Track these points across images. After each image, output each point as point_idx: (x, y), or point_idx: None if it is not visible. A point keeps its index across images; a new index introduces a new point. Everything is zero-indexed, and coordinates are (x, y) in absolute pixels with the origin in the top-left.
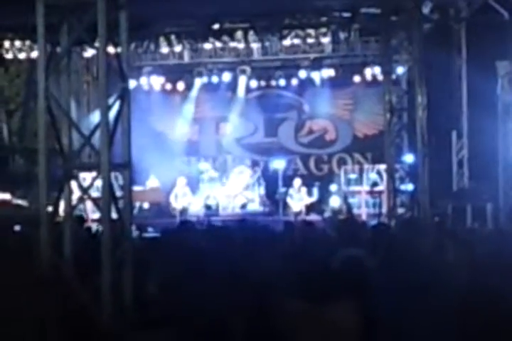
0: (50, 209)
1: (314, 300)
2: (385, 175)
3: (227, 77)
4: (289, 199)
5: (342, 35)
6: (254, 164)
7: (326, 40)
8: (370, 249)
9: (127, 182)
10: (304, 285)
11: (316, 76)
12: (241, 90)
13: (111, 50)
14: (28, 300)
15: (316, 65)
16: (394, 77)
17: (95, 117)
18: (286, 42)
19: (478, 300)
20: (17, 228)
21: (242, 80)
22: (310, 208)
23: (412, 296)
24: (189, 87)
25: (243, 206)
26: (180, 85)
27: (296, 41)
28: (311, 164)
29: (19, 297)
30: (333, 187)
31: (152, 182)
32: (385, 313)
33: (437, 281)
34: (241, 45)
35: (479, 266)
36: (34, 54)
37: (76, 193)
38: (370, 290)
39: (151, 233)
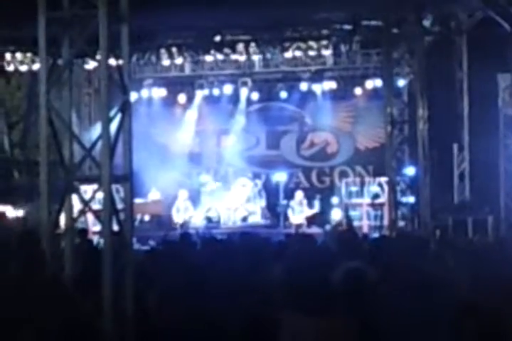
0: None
1: (315, 312)
2: (386, 188)
3: (228, 89)
4: (290, 212)
5: (343, 48)
6: (256, 177)
7: (327, 52)
8: (371, 261)
9: (128, 194)
10: (304, 298)
11: (318, 88)
12: (242, 102)
13: (112, 62)
14: (30, 311)
15: (317, 77)
16: (395, 89)
17: (97, 129)
18: (288, 54)
19: (480, 312)
20: None
21: (244, 92)
22: (311, 221)
23: (414, 308)
24: (190, 99)
25: (244, 218)
26: (182, 97)
27: (298, 53)
28: (313, 177)
29: (22, 307)
30: (334, 200)
31: (153, 195)
32: (387, 325)
33: (439, 294)
34: (242, 58)
35: (481, 279)
36: (36, 66)
37: (77, 206)
38: (371, 303)
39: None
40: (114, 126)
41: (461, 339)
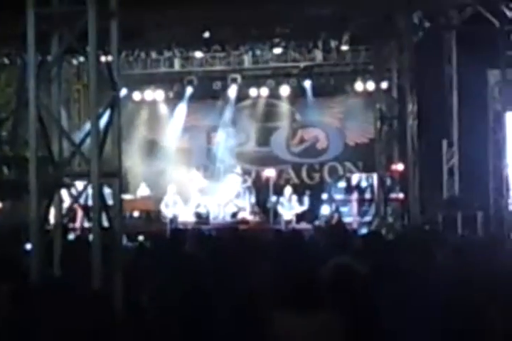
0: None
1: (304, 307)
2: (375, 184)
3: (217, 85)
4: (279, 208)
5: (333, 44)
6: (246, 173)
7: (316, 48)
8: (360, 257)
9: (118, 190)
10: (293, 294)
11: (307, 84)
12: (232, 99)
13: (101, 58)
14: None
15: (307, 73)
16: (384, 85)
17: (86, 126)
18: (277, 50)
19: (467, 308)
20: None
21: (233, 89)
22: (301, 217)
23: (402, 304)
24: (180, 95)
25: (234, 214)
26: (171, 94)
27: (287, 50)
28: (303, 173)
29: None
30: (324, 196)
31: (143, 191)
32: (376, 321)
33: (427, 289)
34: (232, 54)
35: (470, 274)
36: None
37: (67, 201)
38: (360, 298)
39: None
40: (103, 122)
41: (448, 334)
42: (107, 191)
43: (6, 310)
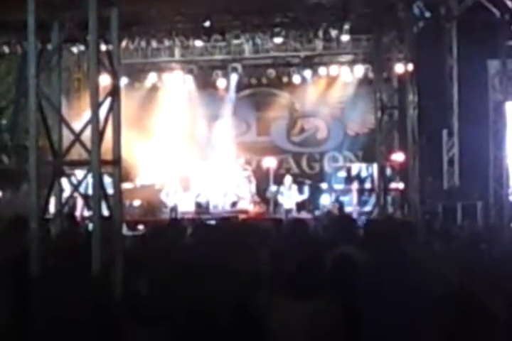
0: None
1: (303, 296)
2: (375, 174)
3: (218, 74)
4: (280, 197)
5: (333, 33)
6: (246, 162)
7: (317, 38)
8: (361, 246)
9: (117, 179)
10: (293, 282)
11: (307, 74)
12: (232, 88)
13: (102, 47)
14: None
15: (307, 63)
16: (385, 75)
17: (86, 114)
18: (278, 40)
19: (466, 298)
20: None
21: (234, 78)
22: (301, 206)
23: (401, 293)
24: (180, 84)
25: (234, 204)
26: (172, 83)
27: (287, 39)
28: (303, 163)
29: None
30: (324, 186)
31: (143, 180)
32: (374, 310)
33: (426, 279)
34: (232, 43)
35: (468, 265)
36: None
37: (67, 190)
38: (360, 287)
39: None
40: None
41: (445, 325)
42: (107, 180)
43: (8, 300)
